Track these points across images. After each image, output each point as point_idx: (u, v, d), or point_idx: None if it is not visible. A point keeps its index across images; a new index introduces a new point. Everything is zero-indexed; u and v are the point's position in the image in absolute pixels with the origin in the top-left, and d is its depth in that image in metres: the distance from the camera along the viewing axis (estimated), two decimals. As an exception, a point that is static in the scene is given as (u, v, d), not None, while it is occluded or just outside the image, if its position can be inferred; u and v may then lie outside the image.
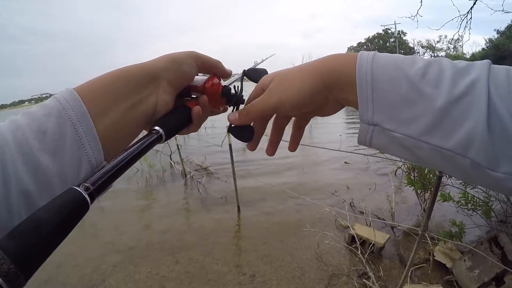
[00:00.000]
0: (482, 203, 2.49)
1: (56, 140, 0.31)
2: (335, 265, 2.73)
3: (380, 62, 0.35)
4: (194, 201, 4.42)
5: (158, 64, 0.42)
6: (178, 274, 2.73)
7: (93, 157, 0.34)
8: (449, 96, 0.30)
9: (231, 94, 0.50)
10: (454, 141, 0.30)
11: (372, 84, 0.34)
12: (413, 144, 0.33)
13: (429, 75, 0.32)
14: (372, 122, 0.35)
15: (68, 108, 0.33)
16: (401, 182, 4.55)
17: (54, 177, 0.30)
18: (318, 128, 10.13)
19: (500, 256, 2.15)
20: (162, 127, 0.40)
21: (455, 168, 0.33)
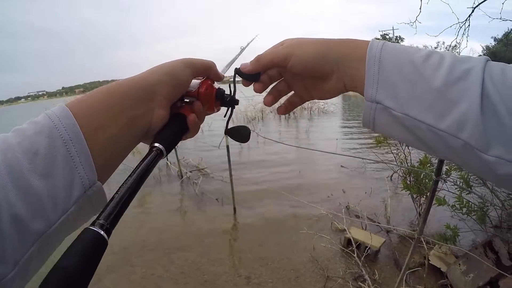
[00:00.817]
0: (477, 208, 2.50)
1: (47, 161, 0.30)
2: (330, 268, 2.74)
3: (389, 47, 0.38)
4: (190, 202, 4.41)
5: (153, 79, 0.42)
6: (173, 274, 2.73)
7: (86, 178, 0.32)
8: (446, 78, 0.32)
9: (225, 96, 0.51)
10: (448, 122, 0.32)
11: (379, 64, 0.37)
12: (412, 124, 0.35)
13: (431, 61, 0.34)
14: (375, 100, 0.37)
15: (59, 126, 0.32)
16: (396, 186, 4.58)
17: (46, 199, 0.29)
18: (314, 132, 10.15)
19: (495, 260, 2.17)
20: (162, 143, 0.40)
21: (449, 150, 0.34)
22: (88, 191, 0.33)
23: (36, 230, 0.28)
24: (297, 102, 0.54)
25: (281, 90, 0.52)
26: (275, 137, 8.34)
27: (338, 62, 0.41)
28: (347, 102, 22.76)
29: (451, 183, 2.61)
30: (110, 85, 0.39)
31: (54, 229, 0.29)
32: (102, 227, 0.28)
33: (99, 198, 0.35)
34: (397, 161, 3.73)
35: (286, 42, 0.47)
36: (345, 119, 14.13)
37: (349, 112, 17.40)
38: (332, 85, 0.45)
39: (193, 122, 0.46)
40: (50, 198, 0.29)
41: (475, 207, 2.50)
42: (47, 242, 0.29)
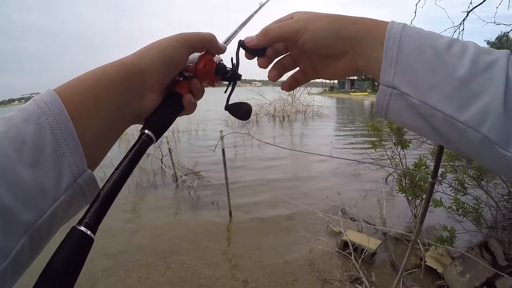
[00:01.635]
0: (472, 209, 2.52)
1: (35, 150, 0.29)
2: (327, 271, 2.74)
3: (410, 30, 0.35)
4: (186, 205, 4.39)
5: (144, 63, 0.39)
6: (169, 279, 2.70)
7: (75, 166, 0.31)
8: (470, 69, 0.31)
9: (226, 70, 0.47)
10: (469, 114, 0.31)
11: (398, 47, 0.35)
12: (428, 112, 0.33)
13: (454, 48, 0.33)
14: (392, 85, 0.35)
15: (47, 113, 0.31)
16: (392, 188, 4.60)
17: (34, 190, 0.28)
18: (309, 135, 10.20)
19: (491, 261, 2.19)
20: (151, 129, 0.39)
21: (466, 142, 0.33)
22: (78, 180, 0.32)
23: (25, 221, 0.27)
24: (302, 80, 0.50)
25: (286, 65, 0.49)
26: (270, 140, 8.36)
27: (353, 41, 0.39)
28: (341, 105, 22.89)
29: (447, 184, 2.63)
30: (99, 70, 0.37)
31: (45, 219, 0.28)
32: (88, 226, 0.29)
33: (91, 186, 0.34)
34: (392, 163, 3.75)
35: (297, 15, 0.43)
36: (339, 122, 14.21)
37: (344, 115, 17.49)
38: (343, 65, 0.42)
39: (188, 101, 0.43)
40: (39, 188, 0.28)
41: (470, 208, 2.52)
42: (38, 233, 0.28)
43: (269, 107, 15.75)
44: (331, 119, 14.93)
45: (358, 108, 23.23)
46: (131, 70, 0.38)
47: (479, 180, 2.61)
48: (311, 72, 0.48)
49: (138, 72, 0.38)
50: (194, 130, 10.68)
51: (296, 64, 0.49)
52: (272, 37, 0.43)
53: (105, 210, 0.31)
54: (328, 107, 17.70)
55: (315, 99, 18.56)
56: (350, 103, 28.32)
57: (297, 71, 0.50)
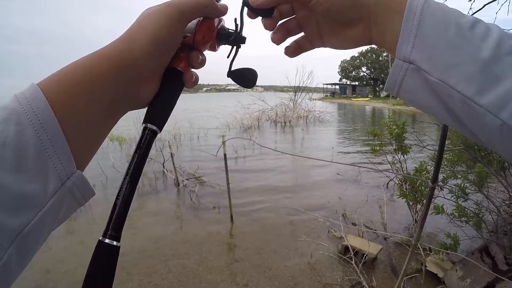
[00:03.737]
0: (473, 214, 2.53)
1: (16, 153, 0.26)
2: (328, 275, 2.74)
3: (432, 3, 0.33)
4: (187, 209, 4.39)
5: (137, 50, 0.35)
6: (170, 282, 2.70)
7: (62, 168, 0.29)
8: (494, 51, 0.29)
9: (229, 35, 0.43)
10: (489, 97, 0.29)
11: (419, 19, 0.32)
12: (445, 92, 0.31)
13: (478, 29, 0.31)
14: (409, 59, 0.33)
15: (29, 111, 0.28)
16: (392, 194, 4.60)
17: (18, 197, 0.26)
18: (310, 140, 10.21)
19: (491, 265, 2.19)
20: (153, 122, 0.37)
21: (482, 127, 0.31)
22: (66, 183, 0.29)
23: (10, 230, 0.25)
24: (306, 47, 0.46)
25: (291, 29, 0.45)
26: (271, 145, 8.36)
27: (370, 8, 0.36)
28: (342, 111, 22.91)
29: (447, 190, 2.63)
30: (86, 62, 0.33)
31: (32, 227, 0.26)
32: (112, 237, 0.31)
33: (81, 188, 0.31)
34: (393, 168, 3.76)
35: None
36: (341, 127, 14.22)
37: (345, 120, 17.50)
38: (355, 34, 0.39)
39: (190, 79, 0.41)
40: (23, 195, 0.26)
41: (471, 213, 2.52)
42: (26, 241, 0.26)
43: (270, 112, 15.80)
44: (332, 124, 14.94)
45: (359, 113, 23.25)
46: (122, 62, 0.34)
47: (480, 185, 2.61)
48: (317, 39, 0.44)
49: (130, 64, 0.34)
50: (196, 134, 10.71)
51: (301, 29, 0.45)
52: None
53: (124, 217, 0.33)
54: (330, 113, 17.74)
55: (317, 104, 18.62)
56: (351, 109, 28.33)
57: (302, 36, 0.46)
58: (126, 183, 0.33)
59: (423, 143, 3.31)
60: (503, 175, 2.55)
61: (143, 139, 0.36)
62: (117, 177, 5.63)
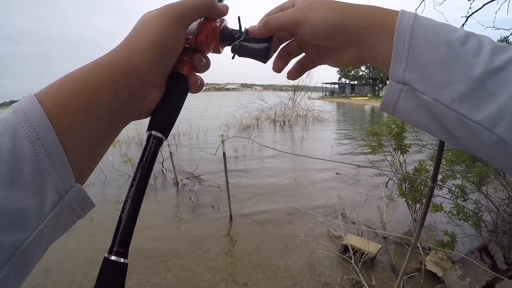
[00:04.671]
0: (472, 213, 2.53)
1: (12, 167, 0.25)
2: (328, 275, 2.74)
3: (422, 22, 0.33)
4: (186, 209, 4.39)
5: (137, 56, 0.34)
6: (169, 282, 2.70)
7: (60, 183, 0.28)
8: (487, 67, 0.29)
9: (233, 34, 0.42)
10: (483, 114, 0.29)
11: (410, 40, 0.32)
12: (440, 111, 0.31)
13: (469, 44, 0.31)
14: (402, 80, 0.33)
15: (25, 123, 0.27)
16: (392, 193, 4.60)
17: (13, 213, 0.25)
18: (309, 139, 10.21)
19: (491, 265, 2.19)
20: (159, 129, 0.36)
21: (479, 143, 0.31)
22: (64, 197, 0.28)
23: (6, 247, 0.24)
24: (308, 66, 0.47)
25: (291, 52, 0.46)
26: (270, 144, 8.37)
27: (357, 34, 0.36)
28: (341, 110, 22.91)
29: (447, 189, 2.63)
30: (85, 70, 0.32)
31: (30, 243, 0.26)
32: (118, 254, 0.29)
33: (80, 201, 0.30)
34: (392, 168, 3.75)
35: (298, 2, 0.40)
36: (340, 126, 14.22)
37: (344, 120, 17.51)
38: (349, 56, 0.40)
39: (195, 83, 0.40)
40: (18, 211, 0.25)
41: (471, 212, 2.52)
42: (23, 257, 0.26)
43: (269, 111, 15.80)
44: (331, 123, 14.94)
45: (358, 112, 23.27)
46: (122, 70, 0.33)
47: (479, 185, 2.61)
48: (317, 59, 0.45)
49: (131, 71, 0.33)
50: (195, 133, 10.70)
51: (301, 50, 0.46)
52: (272, 28, 0.40)
53: (131, 231, 0.31)
54: (329, 112, 17.75)
55: (316, 103, 18.62)
56: (350, 108, 28.36)
57: (303, 57, 0.47)
58: (131, 196, 0.32)
59: (422, 141, 3.32)
60: (502, 174, 2.55)
61: (148, 148, 0.35)
62: (115, 177, 5.63)
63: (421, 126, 0.36)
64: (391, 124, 3.33)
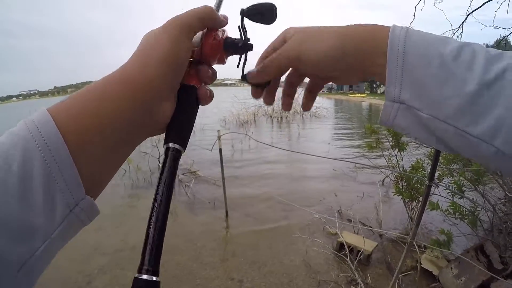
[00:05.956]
0: (469, 212, 2.53)
1: (23, 180, 0.25)
2: (323, 272, 2.74)
3: (413, 37, 0.33)
4: (182, 205, 4.38)
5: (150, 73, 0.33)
6: (165, 278, 2.69)
7: (71, 196, 0.28)
8: (480, 80, 0.29)
9: (236, 43, 0.42)
10: (481, 128, 0.29)
11: (403, 59, 0.32)
12: (438, 126, 0.31)
13: (462, 57, 0.30)
14: (399, 100, 0.33)
15: (37, 137, 0.27)
16: (388, 190, 4.61)
17: (23, 226, 0.25)
18: (307, 136, 10.20)
19: (486, 264, 2.20)
20: (176, 141, 0.36)
21: (478, 155, 0.31)
22: (74, 210, 0.28)
23: (16, 259, 0.25)
24: (316, 89, 0.48)
25: (294, 82, 0.46)
26: (268, 141, 8.36)
27: (356, 58, 0.36)
28: (339, 106, 22.93)
29: (443, 187, 2.63)
30: (100, 85, 0.32)
31: (39, 254, 0.26)
32: (149, 272, 0.28)
33: (90, 213, 0.31)
34: (389, 165, 3.75)
35: (289, 35, 0.40)
36: (337, 123, 14.23)
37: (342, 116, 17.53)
38: (350, 78, 0.40)
39: (204, 95, 0.39)
40: (28, 224, 0.25)
41: (467, 211, 2.53)
42: (33, 267, 0.26)
43: (267, 107, 15.74)
44: (328, 120, 14.94)
45: (356, 109, 23.29)
46: (136, 85, 0.33)
47: (476, 184, 2.61)
48: (322, 81, 0.46)
49: (144, 86, 0.33)
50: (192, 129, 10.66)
51: (303, 76, 0.46)
52: (271, 73, 0.41)
53: (160, 248, 0.30)
54: (326, 108, 17.73)
55: (313, 100, 18.55)
56: (348, 105, 28.38)
57: (309, 82, 0.47)
58: (157, 210, 0.31)
59: (420, 140, 3.30)
60: (499, 174, 2.55)
61: (167, 160, 0.35)
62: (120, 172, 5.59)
63: (421, 140, 0.36)
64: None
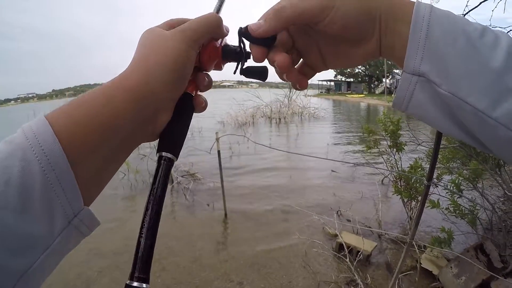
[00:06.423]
0: (468, 211, 2.53)
1: (21, 192, 0.25)
2: (323, 273, 2.73)
3: (438, 11, 0.31)
4: (181, 207, 4.36)
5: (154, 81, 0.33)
6: (164, 280, 2.69)
7: (69, 207, 0.28)
8: (505, 61, 0.28)
9: (235, 52, 0.41)
10: (501, 110, 0.28)
11: (427, 30, 0.31)
12: (456, 104, 0.30)
13: (486, 37, 0.29)
14: (418, 72, 0.31)
15: (35, 146, 0.26)
16: (387, 190, 4.60)
17: (22, 239, 0.25)
18: (305, 137, 10.21)
19: (486, 263, 2.20)
20: (169, 150, 0.36)
21: (494, 140, 0.30)
22: (73, 221, 0.28)
23: (14, 271, 0.25)
24: (310, 74, 0.42)
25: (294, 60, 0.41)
26: (266, 142, 8.35)
27: (381, 21, 0.33)
28: (337, 107, 22.95)
29: (442, 187, 2.63)
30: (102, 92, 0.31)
31: (37, 266, 0.26)
32: (140, 279, 0.29)
33: (89, 223, 0.30)
34: (388, 166, 3.75)
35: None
36: (335, 124, 14.23)
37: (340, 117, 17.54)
38: (365, 50, 0.36)
39: (200, 103, 0.39)
40: (27, 236, 0.25)
41: (466, 210, 2.53)
42: (31, 279, 0.26)
43: (265, 108, 15.75)
44: (327, 121, 14.94)
45: (354, 110, 23.31)
46: (139, 95, 0.32)
47: (475, 182, 2.61)
48: (320, 63, 0.41)
49: (147, 96, 0.32)
50: (190, 131, 10.63)
51: (300, 57, 0.42)
52: (289, 18, 0.34)
53: (150, 256, 0.31)
54: (325, 109, 17.74)
55: (312, 101, 18.58)
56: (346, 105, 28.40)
57: (302, 65, 0.42)
58: (148, 219, 0.31)
59: (418, 139, 3.31)
60: (499, 172, 2.55)
61: (160, 170, 0.35)
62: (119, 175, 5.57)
63: (435, 122, 0.34)
64: (387, 121, 3.32)
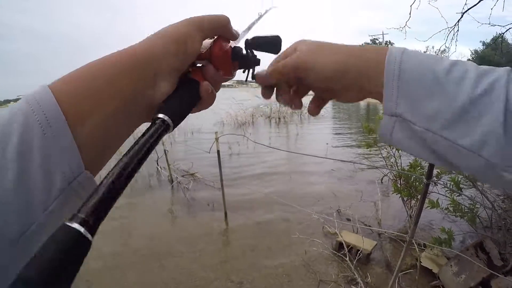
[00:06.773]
0: (468, 209, 2.53)
1: (20, 153, 0.25)
2: (323, 272, 2.73)
3: (409, 58, 0.35)
4: (181, 207, 4.36)
5: (156, 50, 0.35)
6: (164, 280, 2.68)
7: (69, 170, 0.28)
8: (470, 95, 0.31)
9: (244, 55, 0.43)
10: (470, 139, 0.31)
11: (398, 75, 0.35)
12: (432, 139, 0.33)
13: (454, 73, 0.33)
14: (395, 113, 0.35)
15: (37, 110, 0.27)
16: (387, 189, 4.60)
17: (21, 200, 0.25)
18: (305, 136, 10.19)
19: (486, 261, 2.20)
20: (168, 113, 0.34)
21: (470, 166, 0.33)
22: (72, 183, 0.28)
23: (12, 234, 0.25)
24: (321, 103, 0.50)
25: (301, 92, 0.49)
26: (266, 142, 8.35)
27: (357, 77, 0.39)
28: (337, 107, 22.94)
29: (442, 185, 2.63)
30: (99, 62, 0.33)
31: (35, 228, 0.26)
32: (84, 224, 0.23)
33: (89, 188, 0.29)
34: (387, 164, 3.75)
35: (300, 45, 0.43)
36: (335, 123, 14.22)
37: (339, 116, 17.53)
38: (353, 95, 0.43)
39: (206, 90, 0.40)
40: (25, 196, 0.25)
41: (466, 208, 2.52)
42: (29, 243, 0.26)
43: (265, 108, 15.74)
44: (327, 120, 14.93)
45: (354, 109, 23.29)
46: (143, 57, 0.34)
47: (475, 181, 2.61)
48: (326, 96, 0.48)
49: (150, 58, 0.35)
50: (190, 130, 10.64)
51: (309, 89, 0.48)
52: (278, 77, 0.44)
53: (108, 206, 0.25)
54: (324, 108, 17.68)
55: (311, 100, 18.56)
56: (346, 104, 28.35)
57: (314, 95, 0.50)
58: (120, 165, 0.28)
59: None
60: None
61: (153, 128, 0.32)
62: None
63: (416, 153, 0.37)
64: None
